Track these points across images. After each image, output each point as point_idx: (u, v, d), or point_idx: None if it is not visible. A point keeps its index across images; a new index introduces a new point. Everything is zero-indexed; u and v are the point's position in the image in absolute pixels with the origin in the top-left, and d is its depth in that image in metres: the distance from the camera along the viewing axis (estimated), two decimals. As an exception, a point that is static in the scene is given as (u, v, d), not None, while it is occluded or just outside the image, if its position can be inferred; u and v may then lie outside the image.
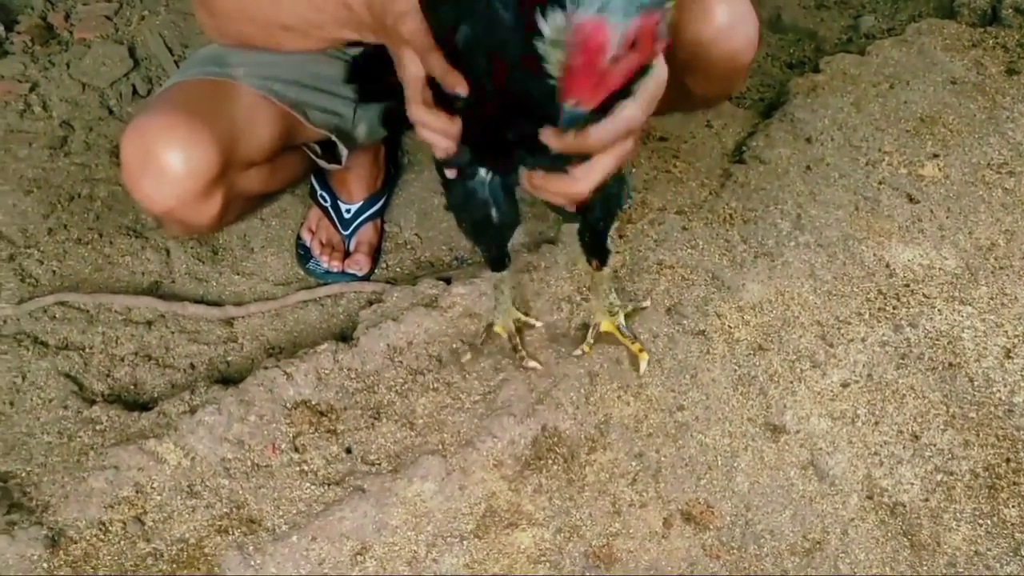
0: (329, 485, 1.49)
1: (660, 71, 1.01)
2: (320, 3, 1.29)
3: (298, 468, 1.52)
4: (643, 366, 1.57)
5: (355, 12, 1.25)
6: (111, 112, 2.31)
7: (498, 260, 1.53)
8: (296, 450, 1.54)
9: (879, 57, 2.15)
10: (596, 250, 1.49)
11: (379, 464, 1.52)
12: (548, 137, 0.98)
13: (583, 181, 1.07)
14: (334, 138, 1.59)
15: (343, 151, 1.62)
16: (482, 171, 1.26)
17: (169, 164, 1.30)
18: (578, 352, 1.60)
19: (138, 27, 2.54)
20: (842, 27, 2.44)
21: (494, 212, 1.31)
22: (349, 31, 1.31)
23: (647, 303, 1.67)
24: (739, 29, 1.34)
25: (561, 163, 1.08)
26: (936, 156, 1.91)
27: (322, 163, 1.70)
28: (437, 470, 1.48)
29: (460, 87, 1.02)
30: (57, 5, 2.62)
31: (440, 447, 1.52)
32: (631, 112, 0.98)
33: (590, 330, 1.62)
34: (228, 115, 1.43)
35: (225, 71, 1.47)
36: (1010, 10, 2.20)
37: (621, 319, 1.60)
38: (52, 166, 2.16)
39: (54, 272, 1.93)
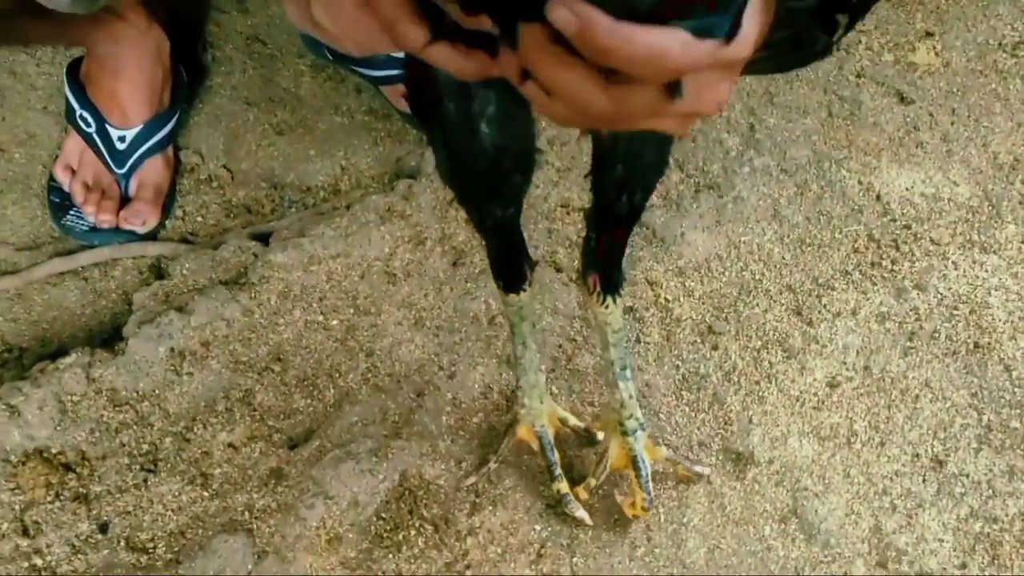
0: (74, 591, 0.97)
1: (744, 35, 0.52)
2: None
3: (26, 564, 0.99)
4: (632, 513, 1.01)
5: None
6: None
7: (511, 257, 0.91)
8: (25, 534, 1.01)
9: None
10: (607, 254, 0.89)
11: (152, 550, 1.00)
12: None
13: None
14: None
15: None
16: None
17: None
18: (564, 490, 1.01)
19: None
20: None
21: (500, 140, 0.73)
22: None
23: (706, 469, 1.05)
24: None
25: None
26: (930, 35, 1.42)
27: None
28: (240, 557, 0.98)
29: None
30: None
31: (246, 516, 1.01)
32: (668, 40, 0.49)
33: (598, 460, 1.01)
34: None
35: None
36: None
37: (640, 445, 0.99)
38: None
39: None
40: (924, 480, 1.03)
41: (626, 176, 0.77)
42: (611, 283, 0.89)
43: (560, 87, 0.58)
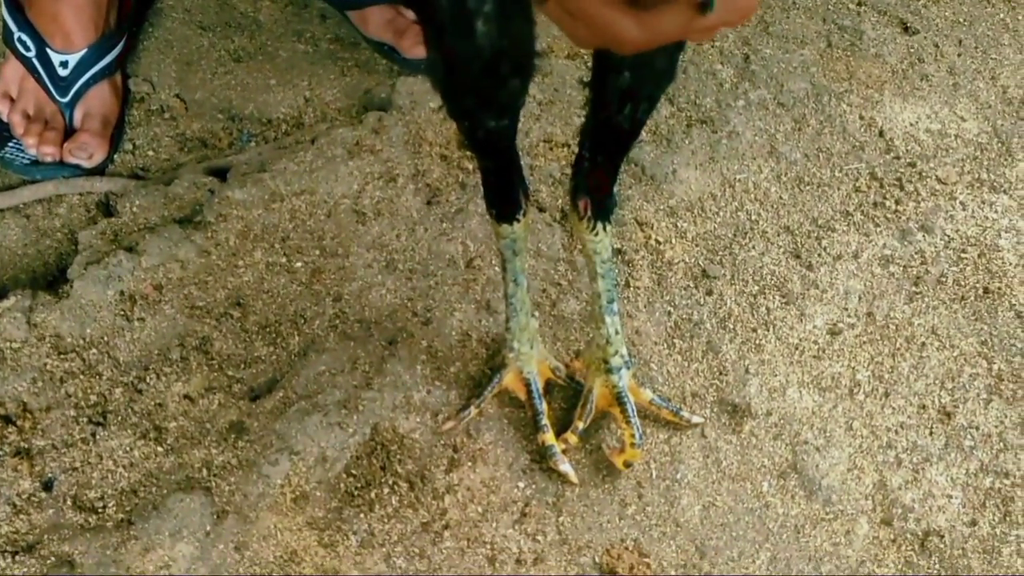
0: (15, 556, 0.89)
1: None
2: None
3: (-38, 526, 0.91)
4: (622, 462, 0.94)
5: None
6: None
7: (506, 181, 0.83)
8: (-40, 493, 0.92)
9: None
10: (600, 176, 0.82)
11: (102, 510, 0.92)
12: None
13: None
14: None
15: None
16: None
17: None
18: (560, 446, 0.94)
19: None
20: None
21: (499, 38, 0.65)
22: None
23: (697, 418, 0.97)
24: None
25: None
26: (935, -38, 1.33)
27: None
28: (197, 517, 0.90)
29: None
30: None
31: (204, 473, 0.93)
32: None
33: (582, 402, 0.95)
34: None
35: None
36: None
37: (624, 383, 0.93)
38: None
39: None
40: (931, 433, 0.97)
41: (633, 84, 0.70)
42: (602, 208, 0.83)
43: (587, 15, 0.53)
